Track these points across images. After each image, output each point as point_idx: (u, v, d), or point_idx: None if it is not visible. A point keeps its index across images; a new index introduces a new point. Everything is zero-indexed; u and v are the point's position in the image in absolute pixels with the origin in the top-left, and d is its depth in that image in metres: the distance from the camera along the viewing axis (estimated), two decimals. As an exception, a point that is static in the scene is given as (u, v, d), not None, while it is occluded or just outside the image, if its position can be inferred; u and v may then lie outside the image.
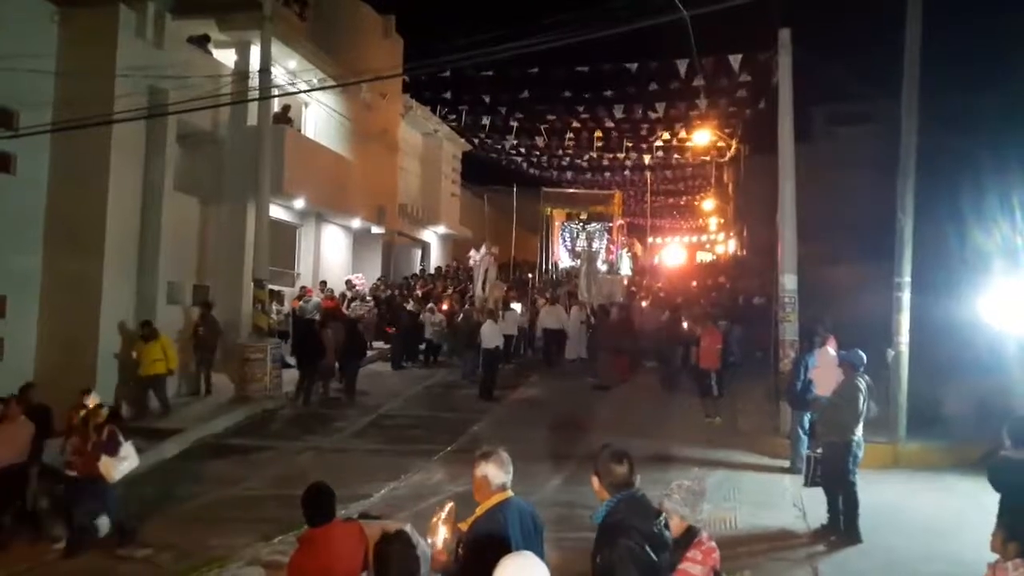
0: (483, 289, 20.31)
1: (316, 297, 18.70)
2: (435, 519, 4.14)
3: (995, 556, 4.67)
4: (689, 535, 4.52)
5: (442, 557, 4.08)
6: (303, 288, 19.46)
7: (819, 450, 8.86)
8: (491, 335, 16.55)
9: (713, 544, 4.56)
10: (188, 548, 8.53)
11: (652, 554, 3.75)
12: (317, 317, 17.30)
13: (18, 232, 13.04)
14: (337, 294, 20.21)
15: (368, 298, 20.68)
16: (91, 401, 9.90)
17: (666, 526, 4.00)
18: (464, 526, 4.18)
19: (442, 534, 4.08)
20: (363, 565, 4.75)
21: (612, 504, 3.92)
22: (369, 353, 18.03)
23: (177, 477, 11.41)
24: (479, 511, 4.18)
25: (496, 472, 4.21)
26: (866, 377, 8.53)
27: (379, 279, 23.08)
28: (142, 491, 10.83)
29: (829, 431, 8.72)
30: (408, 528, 4.42)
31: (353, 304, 19.24)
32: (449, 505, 4.21)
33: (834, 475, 8.46)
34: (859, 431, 8.38)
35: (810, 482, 8.87)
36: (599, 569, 3.82)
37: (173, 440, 12.59)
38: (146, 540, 8.83)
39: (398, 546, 3.99)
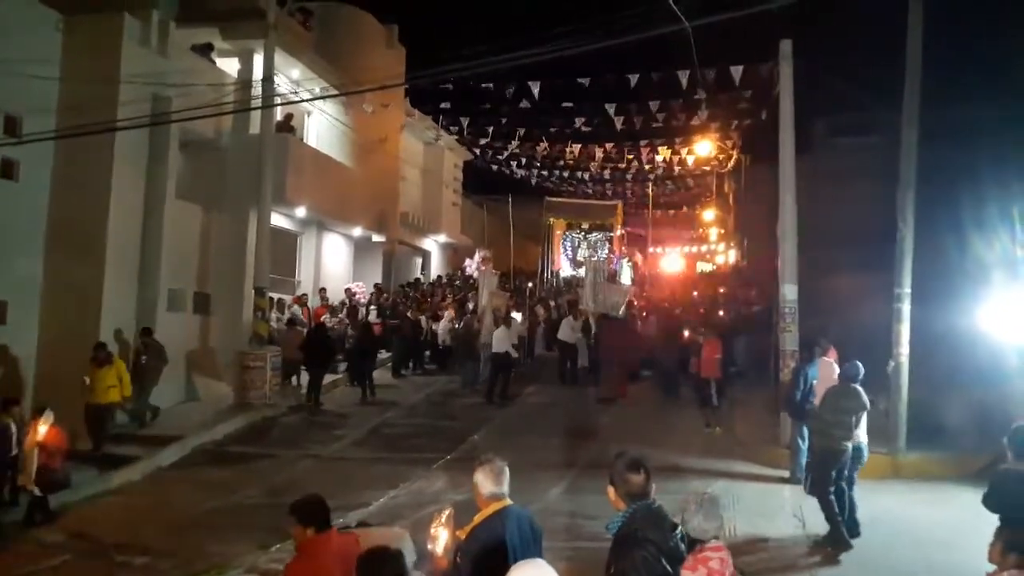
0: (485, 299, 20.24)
1: (297, 307, 18.66)
2: (435, 525, 4.12)
3: (992, 566, 4.64)
4: (690, 544, 4.43)
5: (443, 563, 4.06)
6: (303, 296, 19.50)
7: None
8: (499, 340, 16.72)
9: (712, 555, 4.27)
10: (186, 555, 8.52)
11: (668, 566, 3.68)
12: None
13: (20, 238, 13.07)
14: (337, 302, 20.26)
15: (371, 308, 20.59)
16: (44, 421, 9.85)
17: (683, 539, 3.90)
18: (462, 534, 4.16)
19: (443, 539, 4.07)
20: None
21: (628, 514, 3.84)
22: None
23: (176, 484, 11.43)
24: (477, 519, 4.14)
25: (484, 480, 4.16)
26: (852, 387, 8.59)
27: (376, 287, 23.06)
28: (141, 498, 10.89)
29: (817, 438, 8.92)
30: (407, 537, 4.40)
31: (323, 316, 18.85)
32: (448, 510, 4.19)
33: (812, 480, 8.65)
34: (847, 441, 8.39)
35: (810, 489, 8.92)
36: None
37: (172, 447, 12.61)
38: (145, 547, 8.83)
39: (391, 553, 3.94)
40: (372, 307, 20.58)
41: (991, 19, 17.62)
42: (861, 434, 8.72)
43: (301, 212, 19.12)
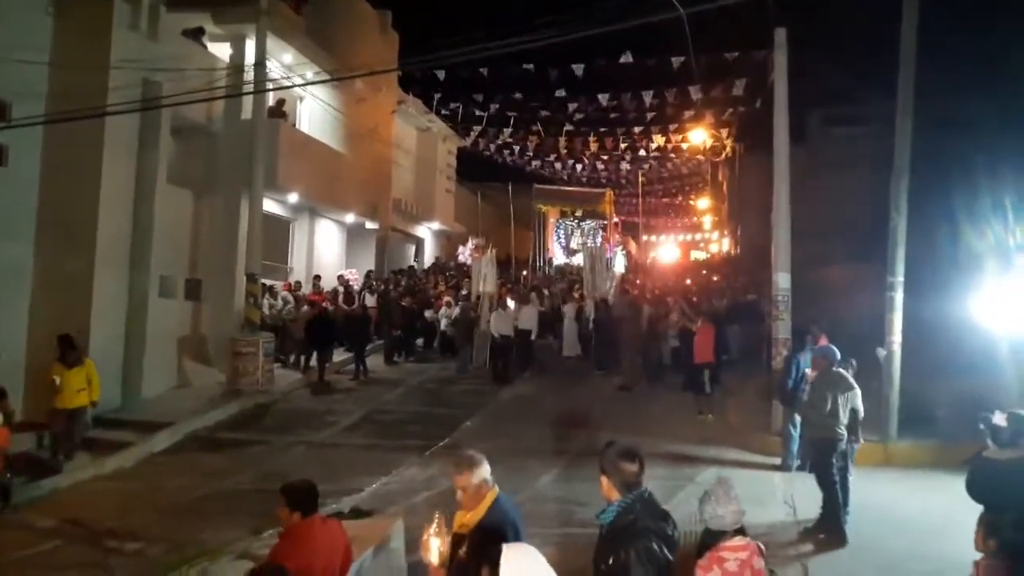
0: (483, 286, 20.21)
1: (286, 293, 18.68)
2: (426, 535, 4.05)
3: (980, 554, 4.68)
4: (711, 538, 4.31)
5: (439, 573, 3.99)
6: (297, 283, 19.47)
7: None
8: (500, 324, 17.53)
9: (729, 555, 4.21)
10: (179, 541, 8.51)
11: (668, 554, 3.65)
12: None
13: (9, 224, 12.95)
14: (330, 289, 20.22)
15: (364, 293, 20.59)
16: None
17: (674, 526, 3.83)
18: (464, 529, 4.10)
19: (436, 547, 4.00)
20: (344, 563, 4.76)
21: (625, 505, 3.74)
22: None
23: (168, 470, 11.42)
24: (481, 509, 4.13)
25: (486, 470, 4.19)
26: (835, 371, 8.72)
27: (367, 274, 23.03)
28: (133, 484, 10.87)
29: (810, 430, 8.94)
30: (399, 523, 4.37)
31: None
32: (438, 517, 4.11)
33: (816, 473, 8.62)
34: (841, 428, 8.44)
35: (817, 481, 8.65)
36: (611, 571, 3.63)
37: (164, 433, 12.60)
38: (137, 533, 8.82)
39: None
40: (365, 292, 20.60)
41: (986, 10, 17.62)
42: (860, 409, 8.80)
43: (293, 198, 19.03)
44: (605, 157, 32.25)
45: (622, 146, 30.12)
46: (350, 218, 22.55)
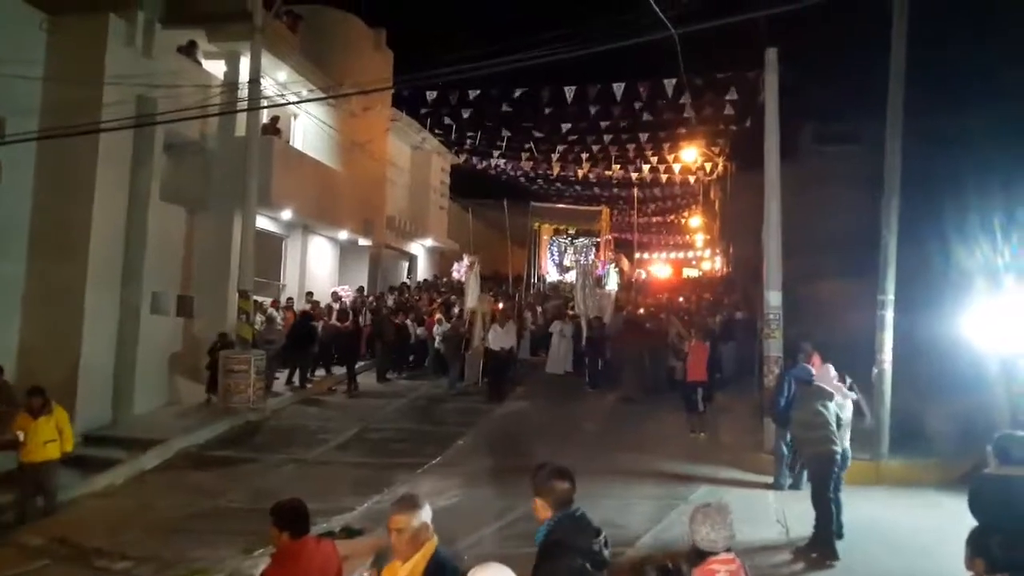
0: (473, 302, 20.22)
1: (274, 310, 18.62)
2: None
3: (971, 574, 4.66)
4: (699, 557, 4.26)
5: None
6: (289, 299, 19.45)
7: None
8: (496, 339, 17.47)
9: (719, 567, 4.20)
10: (169, 560, 8.45)
11: (595, 572, 3.71)
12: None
13: (2, 239, 12.94)
14: (324, 305, 20.18)
15: (364, 310, 20.55)
16: None
17: (605, 544, 3.88)
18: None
19: None
20: None
21: (553, 523, 3.85)
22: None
23: (158, 488, 11.35)
24: (421, 562, 3.90)
25: (429, 514, 4.00)
26: (814, 386, 8.86)
27: (357, 290, 23.00)
28: (123, 502, 10.79)
29: (804, 447, 8.96)
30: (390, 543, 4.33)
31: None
32: (371, 570, 4.05)
33: (813, 489, 8.61)
34: (834, 445, 8.46)
35: (811, 498, 8.62)
36: None
37: (155, 451, 12.52)
38: (126, 552, 8.75)
39: None
40: (366, 309, 20.56)
41: (976, 28, 17.79)
42: (845, 438, 8.82)
43: (287, 215, 19.05)
44: (597, 173, 32.37)
45: (615, 167, 30.28)
46: (343, 235, 22.57)
